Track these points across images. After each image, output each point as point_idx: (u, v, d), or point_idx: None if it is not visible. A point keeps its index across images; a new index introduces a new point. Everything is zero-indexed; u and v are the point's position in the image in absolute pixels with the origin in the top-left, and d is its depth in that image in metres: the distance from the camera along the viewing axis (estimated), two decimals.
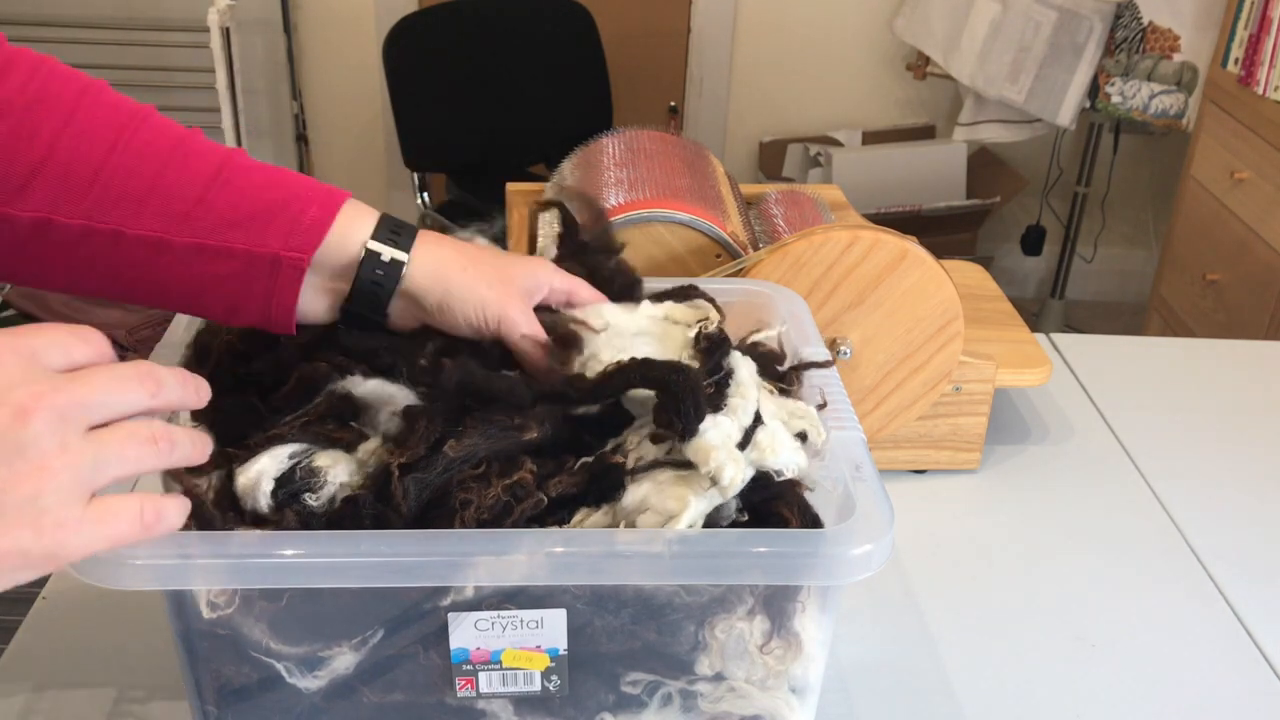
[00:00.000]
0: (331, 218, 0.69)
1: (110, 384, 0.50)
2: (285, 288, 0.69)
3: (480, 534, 0.62)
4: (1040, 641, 0.92)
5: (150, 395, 0.52)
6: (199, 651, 0.65)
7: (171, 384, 0.54)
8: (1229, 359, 1.37)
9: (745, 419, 0.66)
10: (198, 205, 0.68)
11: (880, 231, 1.00)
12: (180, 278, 0.69)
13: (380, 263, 0.70)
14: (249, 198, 0.69)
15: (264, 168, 0.71)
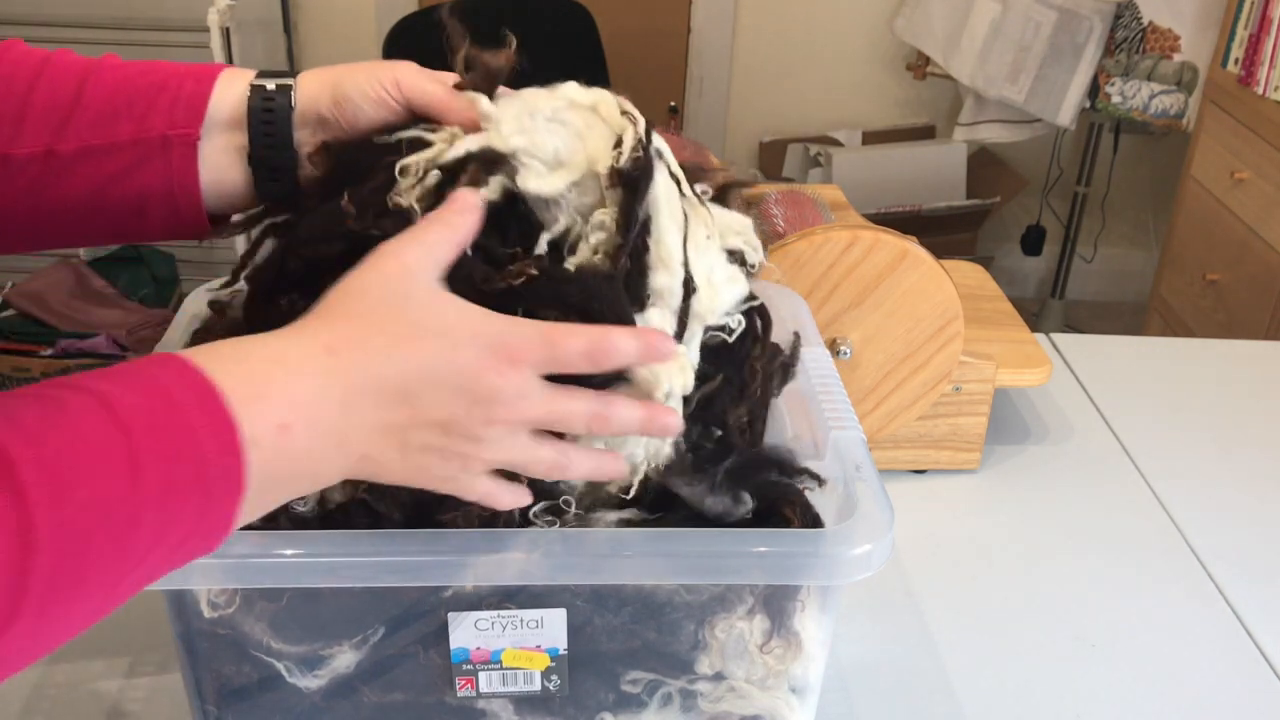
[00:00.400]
0: (209, 87, 0.68)
1: (562, 418, 0.58)
2: (182, 166, 0.68)
3: (479, 534, 0.62)
4: (1040, 641, 0.92)
5: (593, 429, 0.59)
6: (199, 651, 0.65)
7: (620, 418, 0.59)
8: (1229, 359, 1.37)
9: (675, 298, 0.62)
10: (74, 109, 0.67)
11: (880, 231, 1.00)
12: (80, 190, 0.67)
13: (267, 91, 0.68)
14: (124, 89, 0.68)
15: (136, 62, 0.70)
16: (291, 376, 0.53)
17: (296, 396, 0.52)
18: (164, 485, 0.47)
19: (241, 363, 0.52)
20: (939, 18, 3.06)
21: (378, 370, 0.54)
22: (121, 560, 0.46)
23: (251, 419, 0.50)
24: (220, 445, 0.49)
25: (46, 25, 2.79)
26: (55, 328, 2.51)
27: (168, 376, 0.49)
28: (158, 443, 0.47)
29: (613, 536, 0.63)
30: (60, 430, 0.45)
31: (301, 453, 0.52)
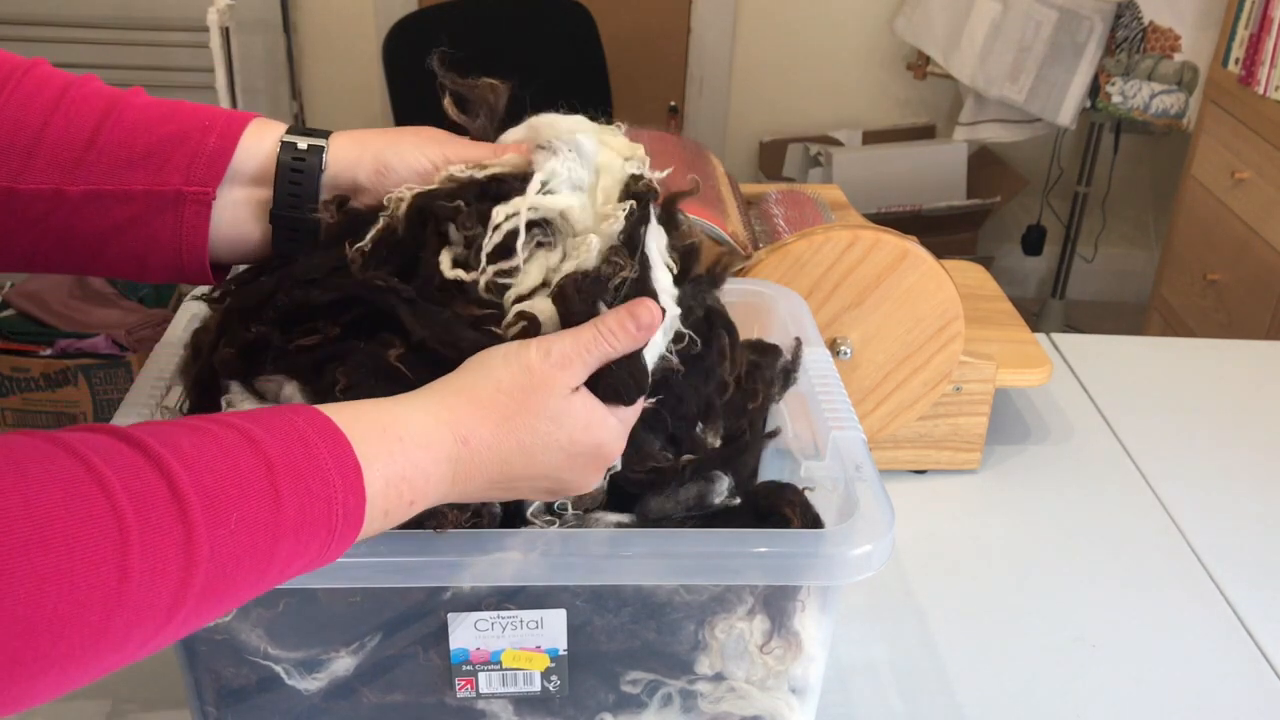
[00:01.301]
0: (234, 143, 0.66)
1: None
2: (193, 224, 0.66)
3: (479, 534, 0.61)
4: (1040, 641, 0.92)
5: None
6: (198, 653, 0.65)
7: None
8: (1229, 359, 1.37)
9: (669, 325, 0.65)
10: (88, 150, 0.65)
11: (880, 231, 1.00)
12: (84, 232, 0.66)
13: (298, 150, 0.67)
14: (144, 135, 0.65)
15: (160, 102, 0.68)
16: (418, 449, 0.56)
17: (419, 464, 0.56)
18: (300, 518, 0.50)
19: (373, 421, 0.56)
20: (939, 17, 3.06)
21: (498, 470, 0.59)
22: (257, 582, 0.50)
23: (373, 475, 0.53)
24: (347, 487, 0.52)
25: (46, 25, 2.79)
26: (55, 328, 2.50)
27: (303, 422, 0.53)
28: (297, 479, 0.50)
29: (613, 536, 0.63)
30: (214, 457, 0.48)
31: (406, 508, 0.56)
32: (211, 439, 0.49)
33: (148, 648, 0.46)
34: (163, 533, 0.45)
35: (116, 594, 0.43)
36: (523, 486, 0.61)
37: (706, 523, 0.66)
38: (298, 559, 0.51)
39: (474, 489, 0.59)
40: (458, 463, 0.57)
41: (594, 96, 3.34)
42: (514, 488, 0.61)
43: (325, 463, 0.51)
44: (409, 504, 0.56)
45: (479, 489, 0.59)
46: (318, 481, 0.51)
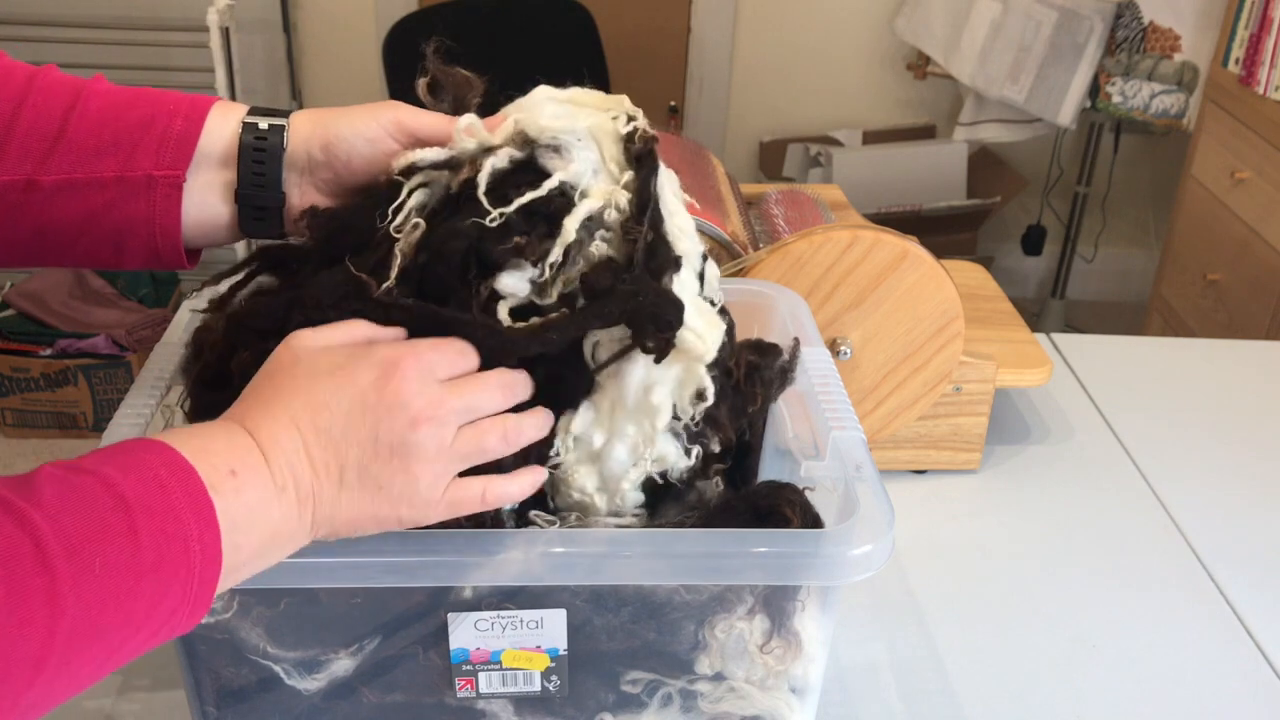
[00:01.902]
0: (200, 125, 0.67)
1: (480, 395, 0.61)
2: (165, 207, 0.67)
3: (479, 534, 0.61)
4: (1040, 641, 0.92)
5: (505, 400, 0.63)
6: (198, 653, 0.65)
7: (520, 387, 0.64)
8: (1229, 359, 1.37)
9: (696, 260, 0.66)
10: (58, 141, 0.66)
11: (880, 231, 1.00)
12: (59, 221, 0.67)
13: (259, 130, 0.68)
14: (111, 122, 0.67)
15: (123, 89, 0.69)
16: (221, 438, 0.57)
17: (233, 447, 0.56)
18: (157, 556, 0.50)
19: (184, 433, 0.56)
20: (939, 17, 3.06)
21: (283, 421, 0.58)
22: (124, 626, 0.50)
23: (204, 471, 0.54)
24: (199, 516, 0.53)
25: (46, 25, 2.79)
26: (55, 328, 2.51)
27: (155, 460, 0.53)
28: (150, 517, 0.51)
29: (613, 536, 0.63)
30: (74, 505, 0.49)
31: (251, 500, 0.55)
32: (69, 486, 0.50)
33: (19, 704, 0.46)
34: (26, 587, 0.45)
35: None
36: (341, 428, 0.58)
37: (706, 523, 0.66)
38: (163, 601, 0.51)
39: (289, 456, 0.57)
40: (253, 433, 0.57)
41: None
42: (332, 434, 0.58)
43: (178, 501, 0.52)
44: (247, 495, 0.55)
45: (296, 456, 0.57)
46: (172, 521, 0.51)
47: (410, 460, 0.59)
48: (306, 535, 0.59)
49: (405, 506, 0.59)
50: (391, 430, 0.59)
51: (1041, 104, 2.93)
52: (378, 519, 0.60)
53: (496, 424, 0.62)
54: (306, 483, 0.58)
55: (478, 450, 0.61)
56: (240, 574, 0.56)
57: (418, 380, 0.60)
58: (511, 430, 0.62)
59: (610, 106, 0.68)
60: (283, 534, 0.57)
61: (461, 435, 0.61)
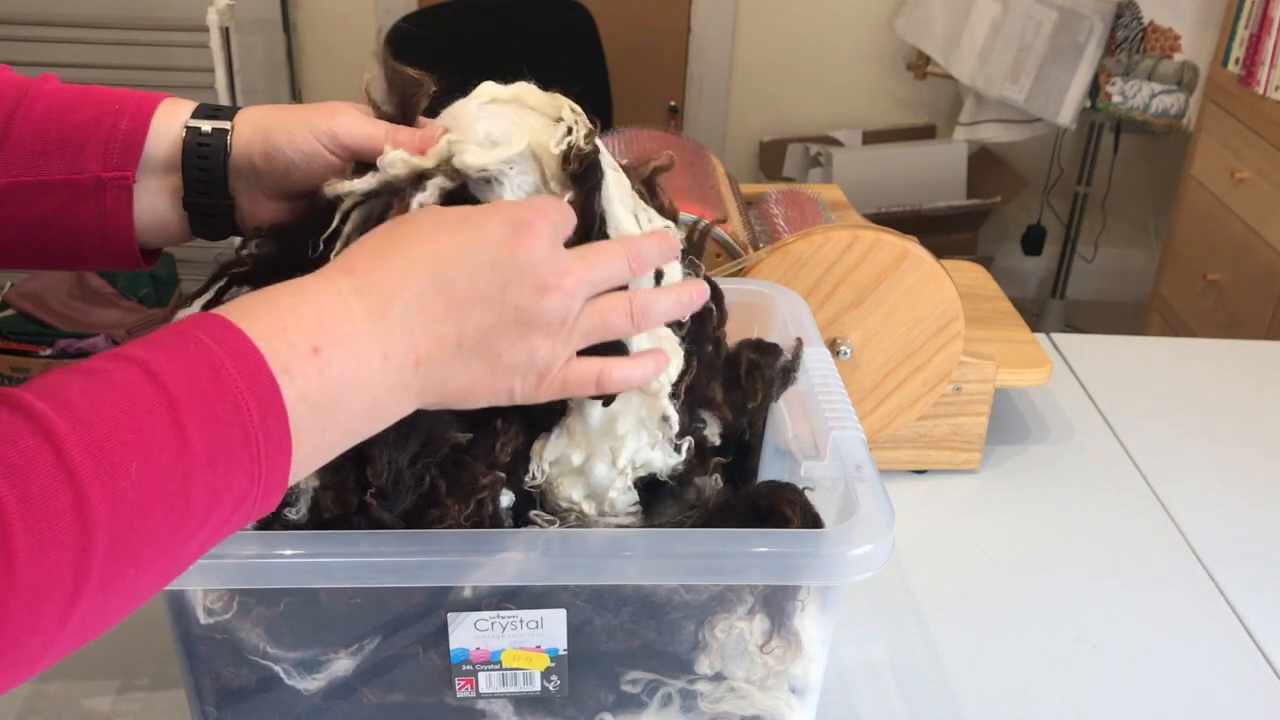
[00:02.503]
0: (146, 126, 0.66)
1: (610, 266, 0.59)
2: (116, 209, 0.66)
3: (479, 534, 0.61)
4: (1040, 641, 0.92)
5: (633, 272, 0.61)
6: (198, 653, 0.65)
7: (650, 254, 0.62)
8: (1229, 359, 1.37)
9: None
10: (3, 142, 0.65)
11: (880, 231, 1.00)
12: (8, 224, 0.66)
13: (202, 134, 0.66)
14: (56, 123, 0.65)
15: (70, 89, 0.68)
16: (311, 302, 0.53)
17: (322, 316, 0.52)
18: (211, 450, 0.47)
19: (266, 303, 0.52)
20: (939, 17, 3.06)
21: (401, 270, 0.54)
22: (179, 529, 0.46)
23: (278, 351, 0.50)
24: (261, 401, 0.48)
25: (46, 25, 2.79)
26: (54, 328, 2.51)
27: (208, 336, 0.49)
28: (201, 407, 0.47)
29: (613, 536, 0.63)
30: (106, 404, 0.45)
31: (343, 375, 0.52)
32: (105, 381, 0.46)
33: (68, 624, 0.43)
34: (48, 502, 0.42)
35: (5, 579, 0.41)
36: (464, 283, 0.54)
37: (706, 523, 0.66)
38: (224, 495, 0.47)
39: (400, 313, 0.53)
40: (354, 292, 0.53)
41: (594, 96, 3.34)
42: (454, 289, 0.54)
43: (232, 379, 0.48)
44: (334, 369, 0.51)
45: (406, 314, 0.53)
46: (228, 404, 0.47)
47: (532, 328, 0.56)
48: (413, 402, 0.56)
49: (519, 379, 0.57)
50: (520, 293, 0.55)
51: (1041, 104, 2.93)
52: (491, 389, 0.57)
53: (622, 299, 0.59)
54: (422, 346, 0.54)
55: (600, 327, 0.59)
56: (329, 451, 0.53)
57: (550, 243, 0.57)
58: (638, 308, 0.60)
59: (552, 109, 0.65)
60: (385, 403, 0.54)
61: (587, 309, 0.58)
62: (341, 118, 0.66)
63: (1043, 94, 2.92)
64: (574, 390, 0.59)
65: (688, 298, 0.64)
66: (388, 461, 0.60)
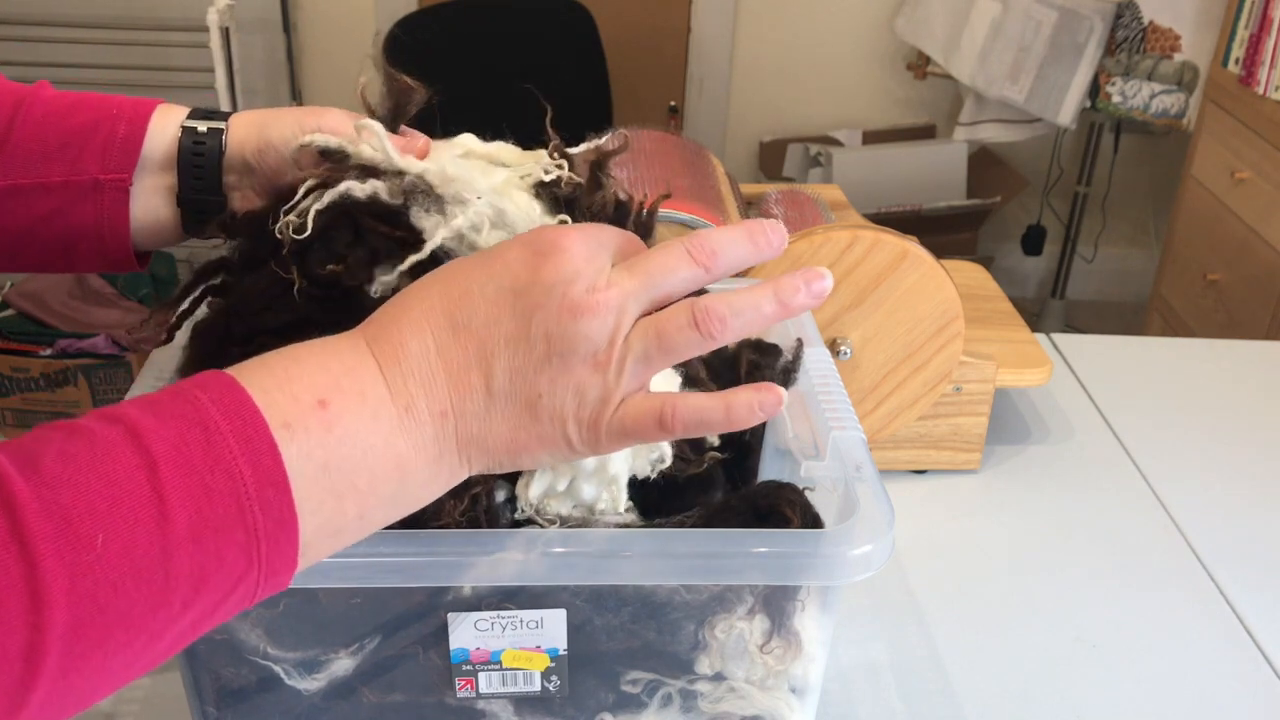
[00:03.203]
0: (143, 129, 0.67)
1: (660, 268, 0.50)
2: (113, 211, 0.67)
3: (479, 534, 0.61)
4: (1040, 641, 0.92)
5: (705, 271, 0.51)
6: (198, 653, 0.65)
7: (727, 250, 0.51)
8: (1229, 359, 1.37)
9: None
10: (3, 147, 0.66)
11: (880, 231, 1.00)
12: (7, 226, 0.67)
13: (198, 134, 0.68)
14: (55, 127, 0.67)
15: (66, 95, 0.69)
16: (320, 353, 0.48)
17: (330, 366, 0.47)
18: (195, 523, 0.42)
19: (277, 356, 0.47)
20: (939, 17, 3.06)
21: (416, 316, 0.49)
22: (157, 609, 0.42)
23: (278, 404, 0.44)
24: (256, 464, 0.43)
25: (46, 25, 2.79)
26: (54, 328, 2.51)
27: (206, 395, 0.44)
28: (187, 475, 0.42)
29: (613, 536, 0.63)
30: (80, 469, 0.40)
31: (356, 431, 0.46)
32: (86, 442, 0.41)
33: (23, 712, 0.39)
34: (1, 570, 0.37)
35: None
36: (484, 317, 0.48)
37: (706, 523, 0.66)
38: (213, 574, 0.42)
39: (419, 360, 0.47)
40: (369, 344, 0.48)
41: (594, 96, 3.36)
42: (473, 325, 0.48)
43: (227, 445, 0.43)
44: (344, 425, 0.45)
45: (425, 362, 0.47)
46: (218, 473, 0.42)
47: (570, 361, 0.48)
48: (455, 464, 0.49)
49: (572, 424, 0.49)
50: (548, 318, 0.48)
51: (1041, 104, 2.93)
52: (543, 440, 0.49)
53: (682, 307, 0.49)
54: (441, 394, 0.48)
55: (660, 348, 0.49)
56: (359, 524, 0.47)
57: (585, 256, 0.49)
58: (701, 314, 0.49)
59: (528, 162, 0.64)
60: (416, 465, 0.47)
61: (639, 327, 0.49)
62: (329, 117, 0.67)
63: (1043, 94, 2.93)
64: (637, 435, 0.50)
65: (787, 291, 0.51)
66: None
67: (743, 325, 0.51)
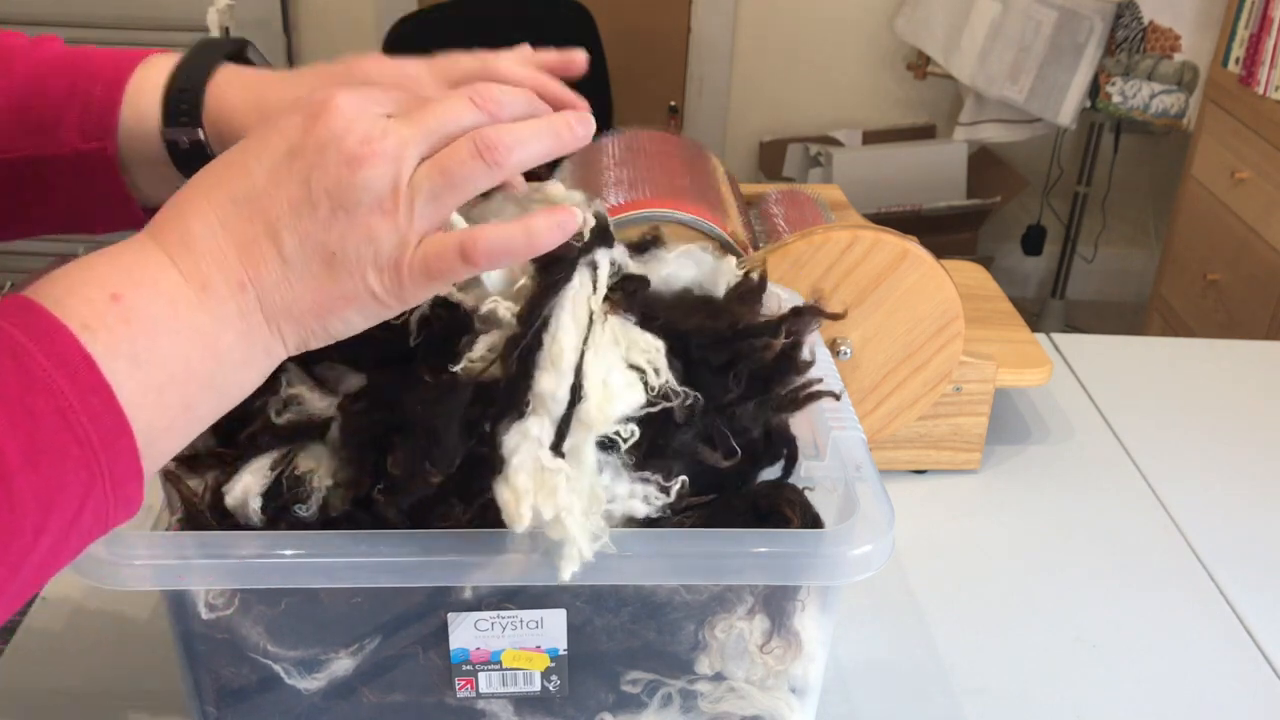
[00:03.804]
0: (119, 96, 0.63)
1: (438, 113, 0.50)
2: (105, 180, 0.64)
3: (479, 534, 0.61)
4: (1040, 641, 0.92)
5: (489, 117, 0.51)
6: (198, 652, 0.65)
7: (510, 100, 0.51)
8: (1229, 359, 1.37)
9: (558, 405, 0.55)
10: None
11: (880, 231, 1.00)
12: (7, 197, 0.64)
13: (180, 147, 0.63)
14: (35, 94, 0.63)
15: (52, 55, 0.65)
16: (108, 255, 0.47)
17: (118, 263, 0.46)
18: (27, 449, 0.41)
19: (67, 267, 0.46)
20: (939, 17, 3.06)
21: (196, 201, 0.48)
22: (9, 543, 0.41)
23: (73, 309, 0.44)
24: (70, 373, 0.42)
25: (47, 25, 2.79)
26: None
27: (7, 320, 0.43)
28: (6, 406, 0.41)
29: (613, 537, 0.63)
30: None
31: (156, 318, 0.45)
32: None
33: None
34: None
35: None
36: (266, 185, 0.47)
37: (706, 523, 0.66)
38: (59, 495, 0.41)
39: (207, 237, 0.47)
40: (151, 235, 0.47)
41: (594, 96, 3.31)
42: (258, 197, 0.47)
43: (39, 366, 0.42)
44: (142, 312, 0.45)
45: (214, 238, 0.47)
46: (41, 395, 0.41)
47: (356, 213, 0.48)
48: (268, 339, 0.49)
49: (372, 275, 0.49)
50: (326, 175, 0.47)
51: (1041, 104, 2.94)
52: (347, 297, 0.49)
53: (463, 140, 0.49)
54: (234, 268, 0.47)
55: (446, 184, 0.49)
56: (192, 416, 0.47)
57: (355, 109, 0.49)
58: (487, 143, 0.49)
59: None
60: (228, 343, 0.47)
61: (423, 168, 0.49)
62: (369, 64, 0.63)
63: (1043, 94, 2.93)
64: (440, 270, 0.49)
65: (562, 124, 0.52)
66: (410, 453, 0.58)
67: (527, 155, 0.50)
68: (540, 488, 0.55)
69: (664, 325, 0.63)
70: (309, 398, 0.65)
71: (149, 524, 0.64)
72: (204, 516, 0.62)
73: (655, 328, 0.62)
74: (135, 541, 0.58)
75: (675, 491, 0.62)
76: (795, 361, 0.66)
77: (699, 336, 0.64)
